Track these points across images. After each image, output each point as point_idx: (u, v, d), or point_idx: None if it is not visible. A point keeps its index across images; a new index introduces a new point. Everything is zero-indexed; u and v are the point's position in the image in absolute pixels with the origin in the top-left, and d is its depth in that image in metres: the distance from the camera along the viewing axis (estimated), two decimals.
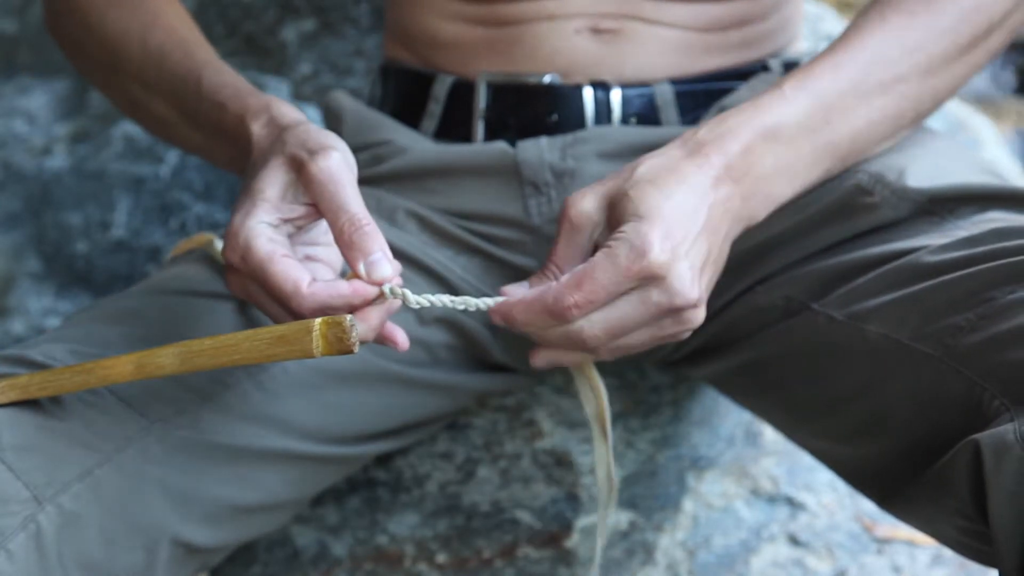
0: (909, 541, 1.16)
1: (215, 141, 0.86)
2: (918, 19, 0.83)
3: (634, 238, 0.73)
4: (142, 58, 0.89)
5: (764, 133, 0.79)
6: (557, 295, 0.73)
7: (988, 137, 1.37)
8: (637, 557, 1.10)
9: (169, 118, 0.89)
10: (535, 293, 0.74)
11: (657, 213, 0.74)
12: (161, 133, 0.94)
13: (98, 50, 0.92)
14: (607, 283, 0.73)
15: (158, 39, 0.89)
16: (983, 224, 0.79)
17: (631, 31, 0.91)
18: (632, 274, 0.73)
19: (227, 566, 1.07)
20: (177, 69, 0.87)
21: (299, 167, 0.72)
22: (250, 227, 0.71)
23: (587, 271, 0.73)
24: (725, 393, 1.00)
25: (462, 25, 0.94)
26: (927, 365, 0.76)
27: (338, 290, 0.70)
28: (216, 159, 0.90)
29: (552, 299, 0.73)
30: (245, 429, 0.83)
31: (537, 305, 0.74)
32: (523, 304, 0.74)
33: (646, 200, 0.75)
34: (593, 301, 0.73)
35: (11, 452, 0.72)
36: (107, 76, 0.94)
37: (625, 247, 0.73)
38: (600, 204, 0.77)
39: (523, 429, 1.08)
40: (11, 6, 1.34)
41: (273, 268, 0.70)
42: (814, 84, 0.81)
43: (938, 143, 0.91)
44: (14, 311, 1.25)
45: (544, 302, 0.73)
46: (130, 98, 0.92)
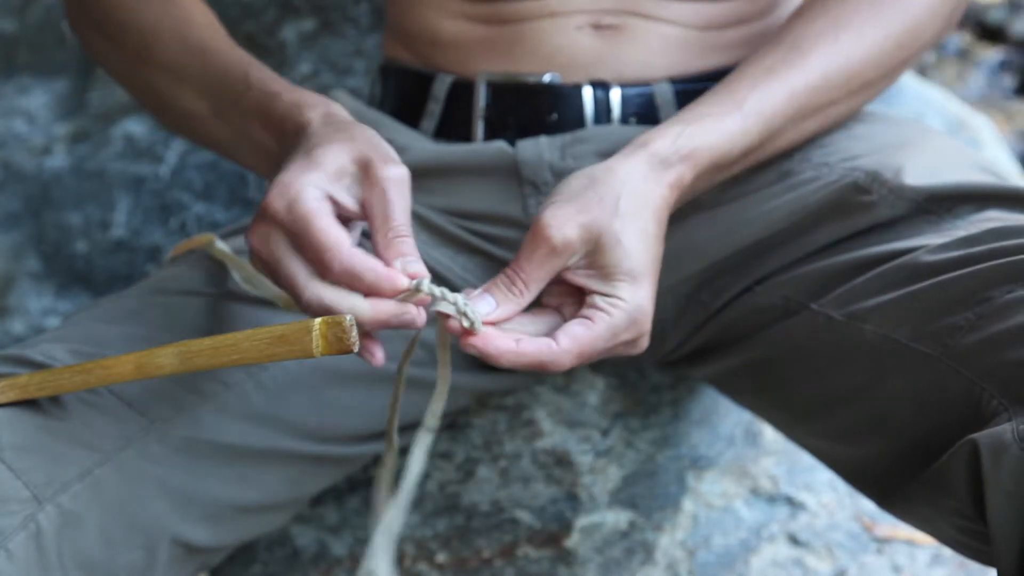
0: (909, 541, 1.16)
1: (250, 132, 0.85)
2: (864, 41, 0.85)
3: (634, 312, 0.75)
4: (179, 51, 0.89)
5: (716, 162, 0.81)
6: (555, 361, 0.73)
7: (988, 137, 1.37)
8: (637, 557, 1.10)
9: (197, 111, 0.89)
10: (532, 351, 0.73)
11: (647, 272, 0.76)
12: (182, 127, 0.93)
13: (127, 42, 0.92)
14: (601, 349, 0.75)
15: (198, 35, 0.89)
16: (981, 223, 0.80)
17: (632, 28, 0.92)
18: (621, 343, 0.76)
19: (227, 566, 1.07)
20: (221, 61, 0.87)
21: (366, 166, 0.72)
22: (305, 182, 0.71)
23: (589, 344, 0.74)
24: (725, 393, 1.00)
25: (463, 23, 0.94)
26: (925, 365, 0.76)
27: (374, 265, 0.69)
28: (240, 154, 0.89)
29: (549, 363, 0.73)
30: (245, 429, 0.83)
31: (530, 362, 0.73)
32: (514, 356, 0.73)
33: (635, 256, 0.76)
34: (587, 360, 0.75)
35: (11, 452, 0.72)
36: (133, 68, 0.93)
37: (624, 318, 0.75)
38: (583, 236, 0.75)
39: (523, 429, 1.08)
40: (11, 6, 1.34)
41: (319, 222, 0.70)
42: (770, 110, 0.83)
43: (936, 141, 0.92)
44: (14, 311, 1.25)
45: (540, 362, 0.73)
46: (156, 90, 0.91)
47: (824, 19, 0.85)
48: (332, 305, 0.70)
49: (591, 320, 0.75)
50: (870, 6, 0.86)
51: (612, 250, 0.75)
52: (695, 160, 0.80)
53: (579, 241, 0.75)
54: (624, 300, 0.75)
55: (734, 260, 0.90)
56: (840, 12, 0.85)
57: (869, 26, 0.86)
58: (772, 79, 0.83)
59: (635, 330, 0.76)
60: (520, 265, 0.75)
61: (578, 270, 0.76)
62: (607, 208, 0.76)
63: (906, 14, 0.87)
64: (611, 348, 0.76)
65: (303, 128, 0.78)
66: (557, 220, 0.75)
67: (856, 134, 0.91)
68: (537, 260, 0.75)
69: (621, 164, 0.78)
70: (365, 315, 0.70)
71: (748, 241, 0.89)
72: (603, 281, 0.75)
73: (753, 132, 0.82)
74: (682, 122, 0.81)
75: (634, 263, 0.75)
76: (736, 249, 0.89)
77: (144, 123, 1.29)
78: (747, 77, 0.84)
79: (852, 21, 0.85)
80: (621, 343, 0.76)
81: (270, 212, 0.71)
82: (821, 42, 0.84)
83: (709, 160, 0.81)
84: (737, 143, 0.82)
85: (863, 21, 0.85)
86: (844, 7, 0.86)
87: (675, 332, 0.95)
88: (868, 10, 0.86)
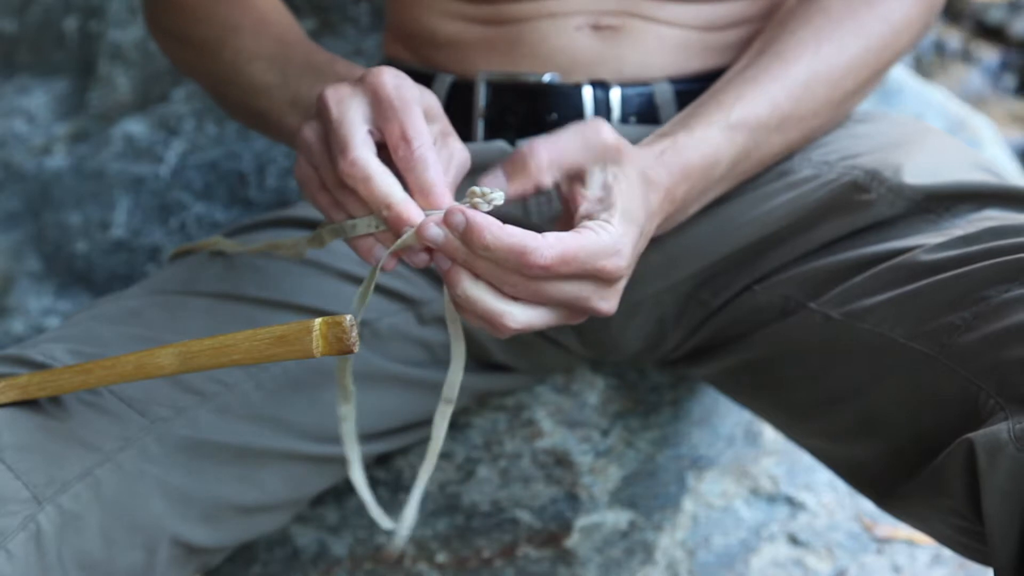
0: (909, 541, 1.16)
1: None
2: (845, 53, 0.86)
3: (619, 242, 0.72)
4: (252, 36, 0.91)
5: (704, 172, 0.81)
6: (537, 249, 0.68)
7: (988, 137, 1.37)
8: (637, 556, 1.10)
9: (265, 81, 0.90)
10: (517, 232, 0.68)
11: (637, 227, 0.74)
12: (247, 103, 0.93)
13: (201, 34, 0.94)
14: (579, 265, 0.71)
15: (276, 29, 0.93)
16: (979, 222, 0.80)
17: (631, 28, 0.92)
18: (600, 270, 0.71)
19: (227, 566, 1.07)
20: (302, 47, 0.91)
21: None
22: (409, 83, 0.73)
23: (572, 250, 0.70)
24: (724, 392, 1.00)
25: (462, 24, 0.94)
26: (923, 364, 0.76)
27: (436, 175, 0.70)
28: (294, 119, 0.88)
29: (532, 250, 0.68)
30: (245, 429, 0.83)
31: (512, 243, 0.68)
32: (498, 230, 0.68)
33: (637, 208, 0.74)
34: (558, 274, 0.70)
35: (11, 452, 0.72)
36: (203, 56, 0.95)
37: (610, 243, 0.71)
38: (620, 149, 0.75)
39: (523, 429, 1.09)
40: (11, 6, 1.34)
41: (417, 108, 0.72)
42: (754, 120, 0.83)
43: (936, 140, 0.92)
44: (14, 311, 1.25)
45: (522, 244, 0.68)
46: (227, 75, 0.93)
47: (806, 30, 0.86)
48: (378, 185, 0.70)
49: (579, 232, 0.71)
50: (851, 17, 0.86)
51: (620, 186, 0.74)
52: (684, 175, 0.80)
53: (616, 148, 0.74)
54: (614, 227, 0.72)
55: (734, 259, 0.90)
56: (822, 23, 0.86)
57: (850, 37, 0.86)
58: (755, 89, 0.83)
59: (614, 262, 0.71)
60: (555, 141, 0.74)
61: (589, 199, 0.74)
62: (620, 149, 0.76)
63: (884, 24, 0.88)
64: (587, 276, 0.71)
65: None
66: (614, 134, 0.75)
67: (856, 133, 0.91)
68: (575, 140, 0.74)
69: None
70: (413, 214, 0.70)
71: (748, 240, 0.89)
72: (603, 210, 0.73)
73: (739, 142, 0.83)
74: (671, 134, 0.81)
75: (635, 211, 0.74)
76: (736, 248, 0.89)
77: (144, 123, 1.29)
78: (732, 87, 0.84)
79: (834, 32, 0.86)
80: (598, 270, 0.71)
81: (372, 78, 0.72)
82: (803, 53, 0.85)
83: (697, 173, 0.80)
84: (725, 154, 0.82)
85: (844, 32, 0.86)
86: (825, 18, 0.86)
87: (675, 331, 0.95)
88: (849, 21, 0.86)
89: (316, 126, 0.74)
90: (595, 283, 0.72)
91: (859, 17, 0.87)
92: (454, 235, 0.68)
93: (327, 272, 0.90)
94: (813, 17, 0.86)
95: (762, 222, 0.88)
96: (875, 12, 0.87)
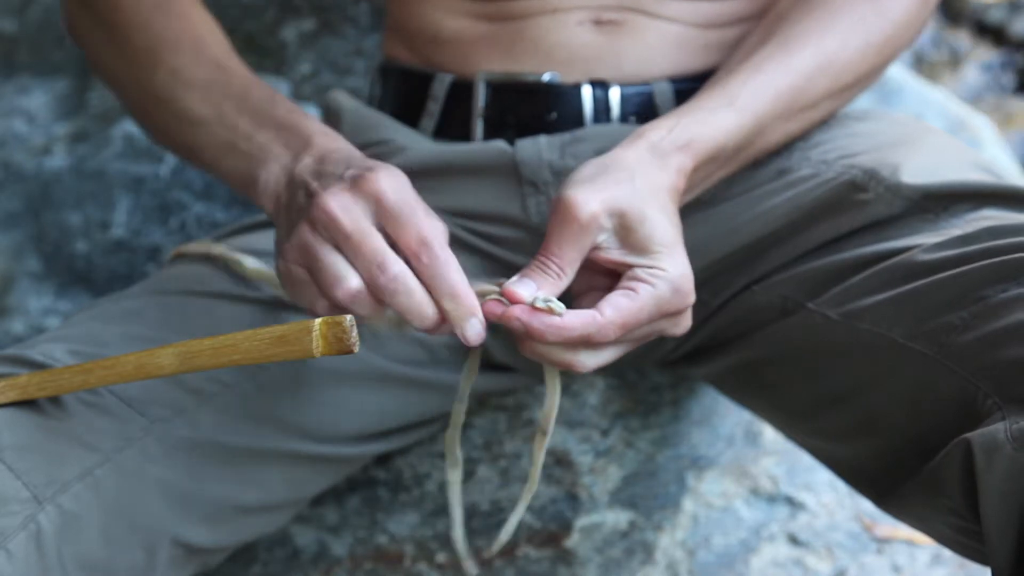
0: (909, 541, 1.16)
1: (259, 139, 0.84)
2: (848, 47, 0.86)
3: (677, 280, 0.74)
4: (191, 59, 0.88)
5: (712, 155, 0.82)
6: (600, 332, 0.72)
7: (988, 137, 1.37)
8: (637, 557, 1.10)
9: (200, 115, 0.87)
10: (577, 324, 0.72)
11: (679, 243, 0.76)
12: (172, 130, 0.91)
13: (133, 43, 0.91)
14: (646, 321, 0.74)
15: (213, 51, 0.90)
16: (977, 222, 0.80)
17: (632, 24, 0.92)
18: (671, 312, 0.75)
19: (227, 566, 1.07)
20: (240, 75, 0.88)
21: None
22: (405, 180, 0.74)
23: (633, 315, 0.73)
24: (723, 392, 1.00)
25: (465, 20, 0.95)
26: (921, 364, 0.76)
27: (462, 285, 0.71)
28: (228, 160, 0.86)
29: (594, 334, 0.72)
30: (245, 429, 0.83)
31: (575, 334, 0.72)
32: (558, 329, 0.72)
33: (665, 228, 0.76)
34: (629, 335, 0.74)
35: (11, 452, 0.72)
36: (134, 69, 0.91)
37: (668, 288, 0.74)
38: (608, 210, 0.75)
39: (523, 429, 1.08)
40: (11, 6, 1.34)
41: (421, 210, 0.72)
42: (760, 107, 0.83)
43: (935, 140, 0.92)
44: (14, 311, 1.25)
45: (584, 334, 0.72)
46: (155, 92, 0.90)
47: (808, 21, 0.86)
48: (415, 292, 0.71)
49: (634, 291, 0.74)
50: (852, 11, 0.87)
51: (640, 225, 0.75)
52: (693, 150, 0.80)
53: (604, 215, 0.74)
54: (666, 270, 0.74)
55: (733, 259, 0.90)
56: (824, 15, 0.86)
57: (852, 31, 0.87)
58: (760, 77, 0.84)
59: (679, 301, 0.75)
60: (550, 249, 0.75)
61: (611, 250, 0.76)
62: (625, 187, 0.76)
63: (885, 20, 0.88)
64: (655, 321, 0.75)
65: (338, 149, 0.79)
66: (581, 197, 0.74)
67: (855, 132, 0.91)
68: (567, 239, 0.74)
69: (627, 152, 0.79)
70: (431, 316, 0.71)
71: (747, 239, 0.89)
72: (640, 255, 0.75)
73: (746, 127, 0.83)
74: (676, 115, 0.82)
75: (667, 235, 0.75)
76: (736, 247, 0.89)
77: None
78: (737, 74, 0.84)
79: (837, 25, 0.86)
80: (665, 315, 0.75)
81: (371, 185, 0.71)
82: (807, 44, 0.85)
83: (706, 151, 0.81)
84: (731, 137, 0.82)
85: (846, 26, 0.86)
86: (828, 11, 0.87)
87: None
88: (851, 15, 0.87)
89: (317, 236, 0.72)
90: (666, 319, 0.76)
91: (860, 12, 0.87)
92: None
93: None
94: (815, 9, 0.87)
95: (761, 221, 0.88)
96: (876, 7, 0.88)
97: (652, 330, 0.76)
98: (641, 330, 0.75)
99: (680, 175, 0.79)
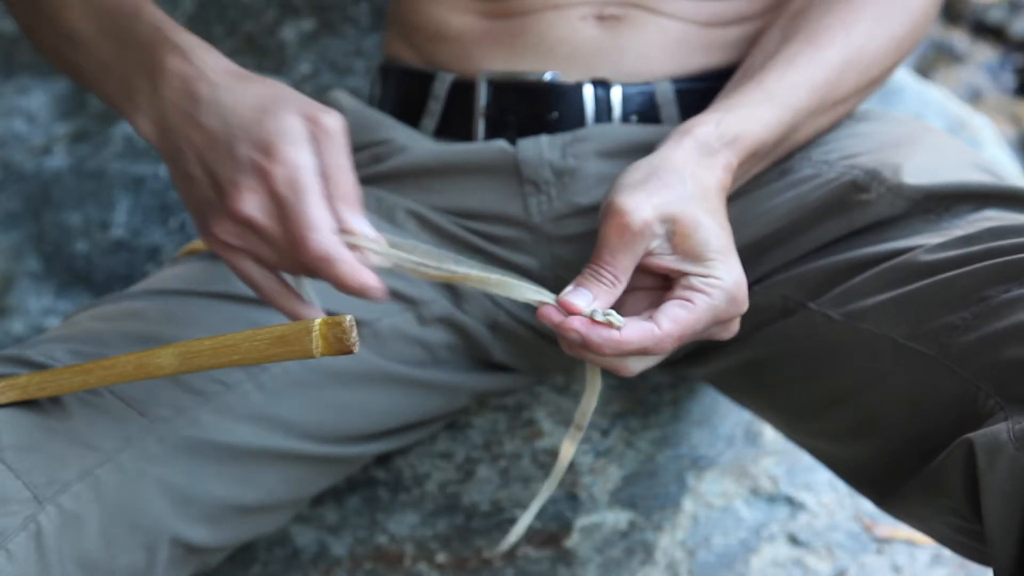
0: (909, 541, 1.16)
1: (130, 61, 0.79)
2: (873, 41, 0.86)
3: (733, 288, 0.74)
4: None
5: (756, 150, 0.82)
6: (658, 346, 0.72)
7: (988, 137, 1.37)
8: (637, 557, 1.10)
9: (81, 31, 0.82)
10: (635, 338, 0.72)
11: (733, 249, 0.76)
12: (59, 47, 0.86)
13: None
14: (701, 331, 0.74)
15: None
16: (979, 223, 0.80)
17: (634, 20, 0.92)
18: (724, 321, 0.75)
19: (227, 566, 1.07)
20: None
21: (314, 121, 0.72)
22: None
23: (691, 327, 0.73)
24: (724, 392, 1.00)
25: (470, 17, 0.95)
26: (922, 364, 0.76)
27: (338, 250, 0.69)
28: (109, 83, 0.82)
29: (654, 346, 0.72)
30: (245, 429, 0.83)
31: (633, 347, 0.72)
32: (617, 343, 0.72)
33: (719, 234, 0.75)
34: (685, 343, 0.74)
35: (11, 452, 0.72)
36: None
37: (724, 297, 0.74)
38: (661, 217, 0.74)
39: (523, 429, 1.08)
40: None
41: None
42: (796, 102, 0.83)
43: (937, 140, 0.92)
44: (14, 311, 1.25)
45: (642, 346, 0.72)
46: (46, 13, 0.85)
47: (832, 16, 0.86)
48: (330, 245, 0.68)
49: (691, 301, 0.73)
50: (873, 6, 0.87)
51: (695, 231, 0.74)
52: (739, 146, 0.80)
53: (657, 222, 0.74)
54: (721, 279, 0.74)
55: None
56: (847, 10, 0.87)
57: (877, 25, 0.87)
58: (795, 71, 0.84)
59: (735, 309, 0.75)
60: (603, 258, 0.74)
61: (664, 256, 0.75)
62: (676, 191, 0.76)
63: (907, 15, 0.88)
64: (709, 329, 0.75)
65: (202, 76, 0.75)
66: (632, 203, 0.74)
67: (857, 132, 0.91)
68: (621, 248, 0.74)
69: (674, 151, 0.78)
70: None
71: (749, 239, 0.89)
72: (695, 263, 0.75)
73: (785, 122, 0.83)
74: (720, 110, 0.82)
75: (721, 241, 0.75)
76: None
77: None
78: (771, 70, 0.84)
79: (861, 20, 0.86)
80: (719, 323, 0.75)
81: (325, 119, 0.72)
82: (835, 38, 0.85)
83: (751, 147, 0.81)
84: (772, 132, 0.82)
85: (871, 21, 0.87)
86: (850, 5, 0.87)
87: None
88: (873, 9, 0.87)
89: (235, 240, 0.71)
90: (718, 326, 0.76)
91: (882, 6, 0.87)
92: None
93: None
94: (835, 4, 0.87)
95: (763, 221, 0.88)
96: (899, 4, 0.88)
97: (704, 336, 0.76)
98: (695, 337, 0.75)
99: (727, 172, 0.79)
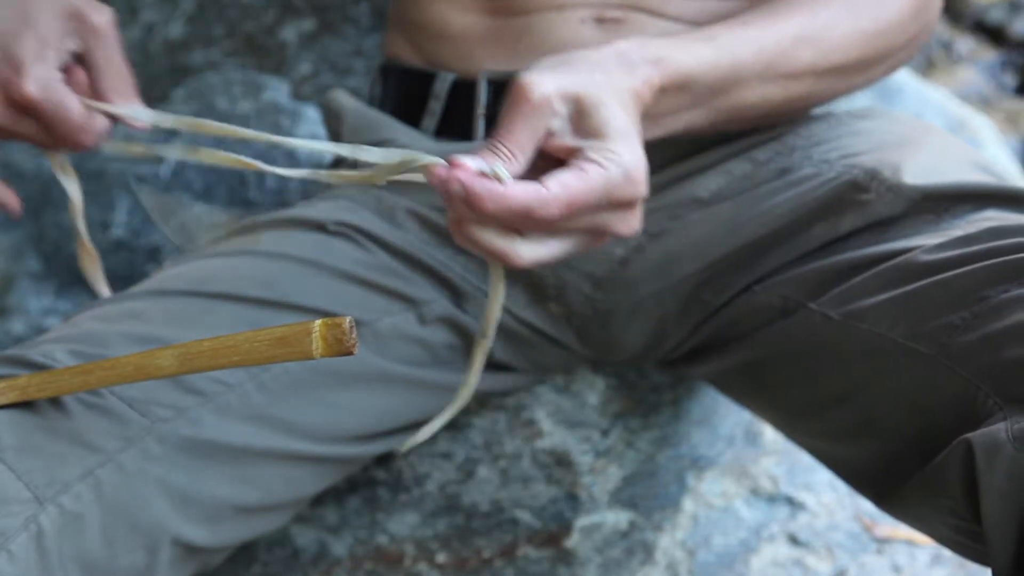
0: (909, 541, 1.16)
1: None
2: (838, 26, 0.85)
3: (630, 165, 0.70)
4: None
5: (682, 81, 0.78)
6: (544, 207, 0.67)
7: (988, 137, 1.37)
8: (637, 557, 1.10)
9: None
10: (519, 194, 0.67)
11: (636, 134, 0.72)
12: None
13: None
14: (593, 205, 0.69)
15: None
16: (978, 223, 0.80)
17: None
18: (617, 201, 0.70)
19: (227, 566, 1.07)
20: None
21: (80, 18, 0.81)
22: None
23: (581, 195, 0.68)
24: (724, 392, 1.00)
25: (472, 16, 0.95)
26: (922, 364, 0.76)
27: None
28: None
29: (538, 208, 0.67)
30: (246, 429, 0.83)
31: (517, 206, 0.67)
32: (500, 196, 0.67)
33: (622, 117, 0.72)
34: (573, 218, 0.69)
35: (12, 452, 0.72)
36: None
37: (620, 172, 0.70)
38: (562, 94, 0.71)
39: (523, 429, 1.09)
40: None
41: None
42: (740, 53, 0.81)
43: (937, 140, 0.92)
44: (14, 311, 1.25)
45: (526, 206, 0.67)
46: None
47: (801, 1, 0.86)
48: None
49: (584, 171, 0.69)
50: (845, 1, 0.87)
51: (596, 111, 0.71)
52: (662, 68, 0.77)
53: (558, 98, 0.71)
54: (618, 152, 0.70)
55: (735, 258, 0.90)
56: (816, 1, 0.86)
57: (845, 13, 0.86)
58: (745, 29, 0.83)
59: (632, 189, 0.70)
60: (502, 132, 0.71)
61: (564, 135, 0.72)
62: (584, 76, 0.73)
63: (880, 11, 0.88)
64: (603, 211, 0.71)
65: None
66: (534, 78, 0.71)
67: (856, 131, 0.91)
68: (519, 121, 0.71)
69: (591, 52, 0.76)
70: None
71: (749, 239, 0.89)
72: (594, 139, 0.71)
73: (723, 67, 0.81)
74: (649, 37, 0.79)
75: (623, 123, 0.71)
76: (736, 247, 0.89)
77: None
78: (723, 25, 0.83)
79: (830, 6, 0.86)
80: (614, 205, 0.71)
81: (92, 15, 0.83)
82: (798, 14, 0.85)
83: (676, 74, 0.78)
84: (705, 70, 0.80)
85: (840, 7, 0.86)
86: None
87: (676, 331, 0.95)
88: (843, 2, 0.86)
89: None
90: (613, 211, 0.71)
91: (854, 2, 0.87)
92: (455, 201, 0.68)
93: (328, 272, 0.90)
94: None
95: (762, 221, 0.88)
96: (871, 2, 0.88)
97: (598, 221, 0.71)
98: (586, 218, 0.70)
99: (646, 86, 0.76)
